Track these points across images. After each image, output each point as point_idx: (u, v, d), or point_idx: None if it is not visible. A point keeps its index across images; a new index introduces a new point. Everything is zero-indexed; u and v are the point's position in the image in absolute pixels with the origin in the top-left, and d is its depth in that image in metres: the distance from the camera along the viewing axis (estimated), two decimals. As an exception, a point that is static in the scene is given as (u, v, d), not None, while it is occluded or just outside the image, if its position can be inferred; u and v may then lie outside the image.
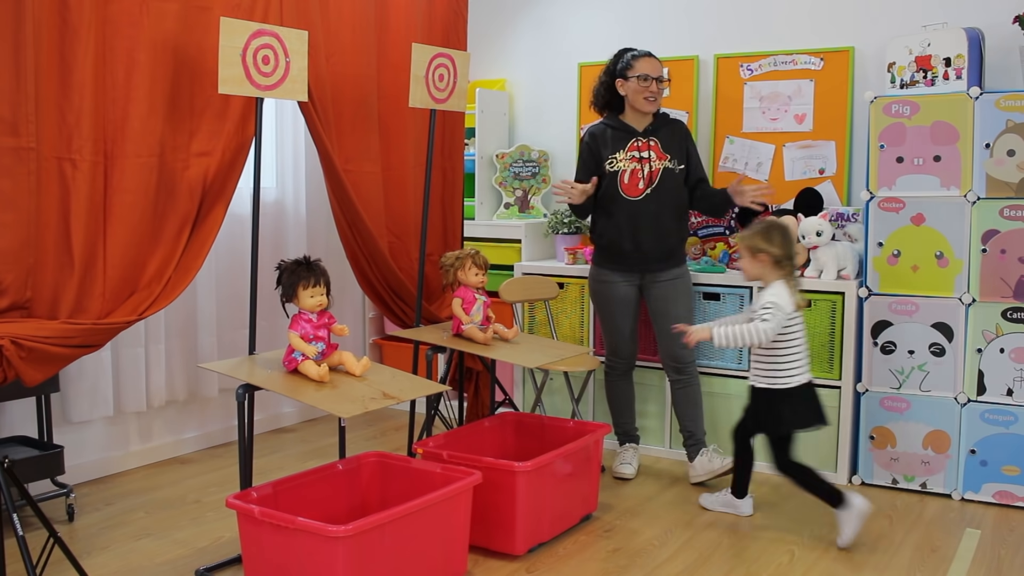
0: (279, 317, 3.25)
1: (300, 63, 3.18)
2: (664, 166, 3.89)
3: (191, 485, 3.98)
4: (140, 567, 3.15)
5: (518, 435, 3.77)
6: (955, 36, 3.76)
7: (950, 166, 3.72)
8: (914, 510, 3.70)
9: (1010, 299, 3.66)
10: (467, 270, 3.66)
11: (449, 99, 3.86)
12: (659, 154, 3.90)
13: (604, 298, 4.03)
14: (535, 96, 5.17)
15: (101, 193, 2.90)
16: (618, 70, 3.92)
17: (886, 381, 3.89)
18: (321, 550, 2.55)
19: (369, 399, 2.88)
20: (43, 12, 2.70)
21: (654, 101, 3.89)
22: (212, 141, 3.17)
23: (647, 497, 3.84)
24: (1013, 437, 3.68)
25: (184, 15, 3.06)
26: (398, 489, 3.08)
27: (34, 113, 2.69)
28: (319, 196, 4.67)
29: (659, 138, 3.92)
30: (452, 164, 4.34)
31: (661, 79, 3.89)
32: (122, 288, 2.95)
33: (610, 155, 3.91)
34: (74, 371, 3.82)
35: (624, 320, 4.02)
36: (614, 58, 3.98)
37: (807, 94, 4.41)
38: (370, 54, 3.84)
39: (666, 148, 3.92)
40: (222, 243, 4.16)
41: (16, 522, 2.62)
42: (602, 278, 4.02)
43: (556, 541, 3.36)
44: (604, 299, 4.03)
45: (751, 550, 3.30)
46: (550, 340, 4.26)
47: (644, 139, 3.91)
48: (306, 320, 3.04)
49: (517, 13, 5.21)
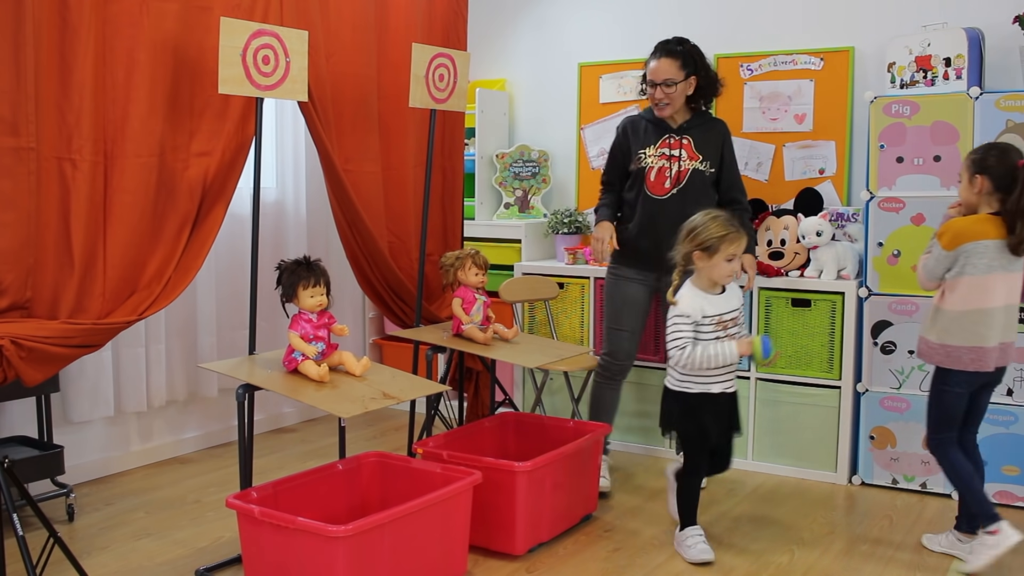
0: (279, 317, 3.25)
1: (300, 63, 3.18)
2: (694, 167, 3.70)
3: (191, 485, 3.98)
4: (140, 567, 3.15)
5: (518, 435, 3.77)
6: (955, 36, 3.76)
7: (950, 166, 3.72)
8: (914, 510, 3.70)
9: (1010, 299, 3.66)
10: (467, 270, 3.66)
11: (449, 99, 3.86)
12: (691, 154, 3.71)
13: (614, 294, 3.88)
14: (535, 96, 5.17)
15: (101, 193, 2.90)
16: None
17: (886, 381, 3.89)
18: (321, 550, 2.55)
19: (369, 399, 2.88)
20: (43, 12, 2.70)
21: (662, 107, 3.71)
22: (212, 141, 3.17)
23: (647, 497, 3.84)
24: (1013, 437, 3.68)
25: (184, 15, 3.06)
26: (398, 489, 3.08)
27: (34, 113, 2.69)
28: (319, 196, 4.67)
29: (693, 137, 3.73)
30: (452, 164, 4.34)
31: (667, 83, 3.65)
32: (122, 288, 2.95)
33: (640, 149, 3.75)
34: (74, 371, 3.82)
35: (630, 319, 3.86)
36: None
37: (807, 94, 4.41)
38: (370, 54, 3.84)
39: (699, 148, 3.72)
40: (222, 243, 4.16)
41: (16, 522, 2.62)
42: (617, 273, 3.87)
43: (556, 541, 3.36)
44: (614, 295, 3.88)
45: (751, 550, 3.30)
46: (550, 340, 4.26)
47: (677, 136, 3.73)
48: (306, 320, 3.04)
49: (517, 13, 5.21)
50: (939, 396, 3.18)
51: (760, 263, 4.12)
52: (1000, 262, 3.04)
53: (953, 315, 3.09)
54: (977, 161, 3.08)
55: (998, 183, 3.03)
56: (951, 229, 3.09)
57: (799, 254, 4.11)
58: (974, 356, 3.06)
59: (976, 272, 3.04)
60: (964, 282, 3.06)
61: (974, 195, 3.09)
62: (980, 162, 3.07)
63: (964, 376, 3.10)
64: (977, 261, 3.04)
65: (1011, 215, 3.01)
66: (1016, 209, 3.00)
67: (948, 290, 3.11)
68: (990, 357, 3.07)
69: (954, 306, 3.09)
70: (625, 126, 3.86)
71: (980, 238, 3.04)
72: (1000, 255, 3.04)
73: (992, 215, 3.06)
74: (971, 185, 3.09)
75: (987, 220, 3.06)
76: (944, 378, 3.15)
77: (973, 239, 3.04)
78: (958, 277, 3.07)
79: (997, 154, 3.05)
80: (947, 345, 3.10)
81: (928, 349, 3.17)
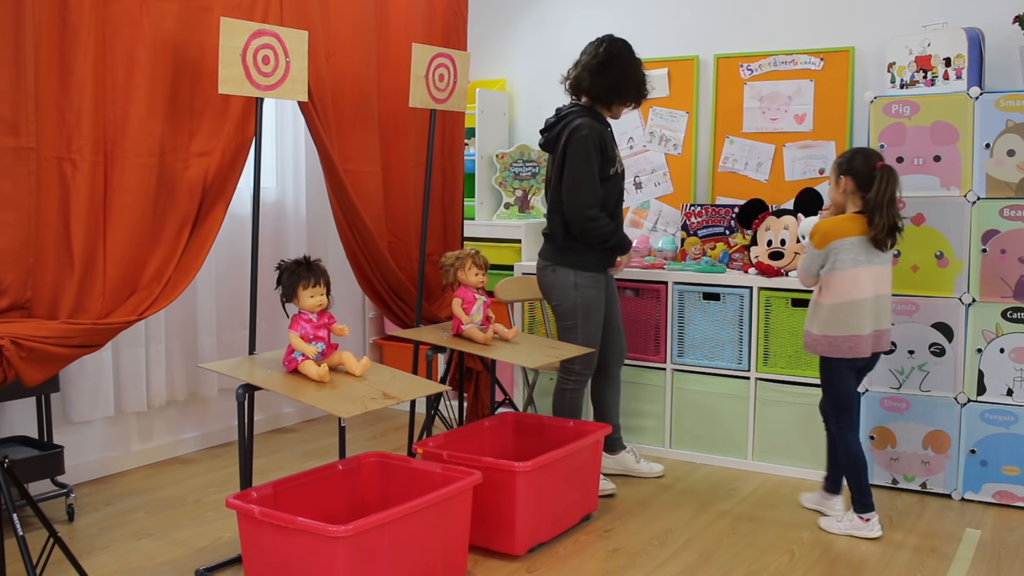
0: (279, 317, 3.25)
1: (300, 63, 3.18)
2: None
3: (191, 485, 3.98)
4: (140, 567, 3.15)
5: (518, 435, 3.77)
6: (955, 36, 3.76)
7: (950, 166, 3.72)
8: (914, 510, 3.70)
9: (1010, 299, 3.67)
10: (467, 270, 3.66)
11: (449, 99, 3.86)
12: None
13: (597, 305, 3.76)
14: (535, 96, 5.17)
15: (101, 193, 2.90)
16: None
17: (886, 381, 3.89)
18: (321, 550, 2.55)
19: (369, 399, 2.88)
20: (43, 12, 2.70)
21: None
22: (212, 141, 3.17)
23: (647, 497, 3.84)
24: (1013, 437, 3.68)
25: (184, 15, 3.06)
26: (398, 489, 3.08)
27: (34, 113, 2.69)
28: (319, 196, 4.67)
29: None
30: (452, 164, 4.34)
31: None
32: (122, 288, 2.95)
33: (614, 156, 3.74)
34: (74, 371, 3.82)
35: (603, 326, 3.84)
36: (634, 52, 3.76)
37: (807, 94, 4.41)
38: (370, 54, 3.84)
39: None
40: (222, 243, 4.16)
41: (16, 522, 2.62)
42: (597, 284, 3.75)
43: (556, 541, 3.36)
44: (597, 306, 3.76)
45: (751, 550, 3.30)
46: (550, 340, 4.26)
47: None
48: (306, 320, 3.04)
49: (517, 13, 5.21)
50: (830, 384, 3.45)
51: (760, 263, 4.14)
52: (866, 256, 3.32)
53: (829, 308, 3.36)
54: (842, 164, 3.39)
55: (860, 183, 3.33)
56: (820, 229, 3.37)
57: (799, 254, 4.11)
58: (851, 344, 3.34)
59: (844, 267, 3.32)
60: (835, 277, 3.34)
61: (840, 195, 3.40)
62: (844, 164, 3.38)
63: (845, 363, 3.38)
64: (844, 257, 3.31)
65: (870, 211, 3.30)
66: (874, 205, 3.29)
67: (824, 286, 3.39)
68: (865, 344, 3.35)
69: (830, 300, 3.36)
70: (600, 135, 3.65)
71: (845, 235, 3.32)
72: (865, 250, 3.32)
73: (856, 213, 3.35)
74: (837, 186, 3.40)
75: (851, 218, 3.35)
76: (829, 367, 3.42)
77: (839, 237, 3.32)
78: (830, 273, 3.35)
79: (861, 157, 3.36)
80: (828, 336, 3.36)
81: (812, 341, 3.43)
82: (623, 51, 3.70)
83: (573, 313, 3.73)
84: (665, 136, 4.76)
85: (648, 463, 4.09)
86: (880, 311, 3.38)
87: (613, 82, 3.67)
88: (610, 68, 3.66)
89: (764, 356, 4.12)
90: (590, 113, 3.69)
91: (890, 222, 3.29)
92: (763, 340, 4.10)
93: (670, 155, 4.76)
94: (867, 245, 3.32)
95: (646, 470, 4.07)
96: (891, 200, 3.29)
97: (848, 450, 3.42)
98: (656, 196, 4.81)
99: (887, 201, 3.28)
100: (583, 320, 3.74)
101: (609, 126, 3.77)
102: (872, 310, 3.34)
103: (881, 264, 3.37)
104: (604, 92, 3.68)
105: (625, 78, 3.68)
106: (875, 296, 3.35)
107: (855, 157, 3.36)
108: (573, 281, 3.71)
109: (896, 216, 3.31)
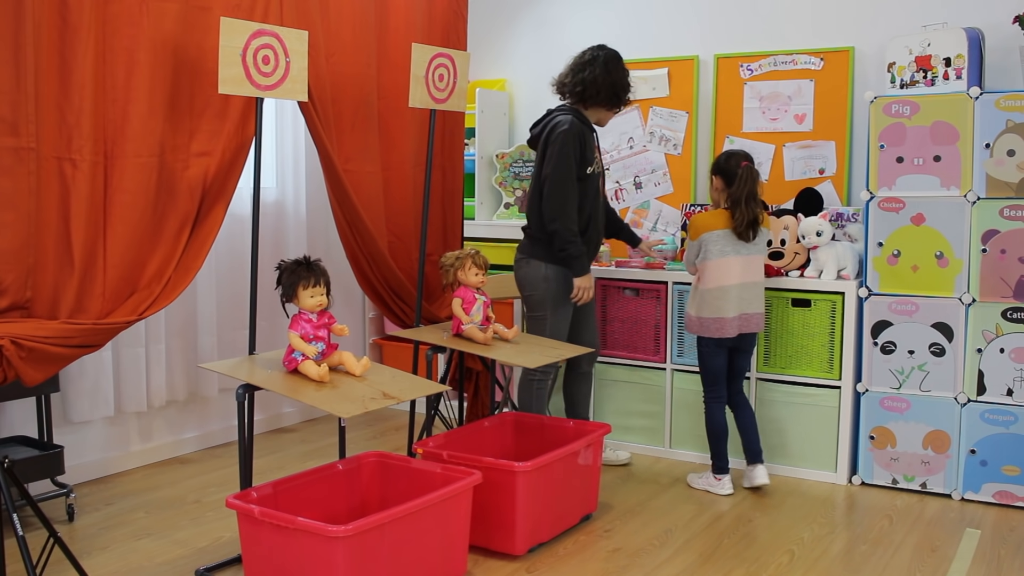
0: (279, 317, 3.25)
1: (300, 63, 3.18)
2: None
3: (191, 485, 3.98)
4: (140, 567, 3.15)
5: (518, 435, 3.77)
6: (955, 36, 3.76)
7: (950, 166, 3.72)
8: (914, 510, 3.70)
9: (1010, 299, 3.67)
10: (467, 270, 3.66)
11: (449, 99, 3.86)
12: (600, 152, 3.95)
13: (567, 299, 3.82)
14: (535, 96, 5.16)
15: (101, 193, 2.90)
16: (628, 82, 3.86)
17: (886, 381, 3.89)
18: (321, 550, 2.55)
19: (369, 399, 2.88)
20: (43, 12, 2.70)
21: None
22: (212, 141, 3.17)
23: (647, 497, 3.84)
24: (1013, 437, 3.68)
25: (184, 15, 3.06)
26: (398, 489, 3.08)
27: (34, 113, 2.69)
28: (319, 196, 4.67)
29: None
30: (452, 164, 4.34)
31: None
32: (122, 288, 2.95)
33: (592, 157, 3.80)
34: (74, 371, 3.82)
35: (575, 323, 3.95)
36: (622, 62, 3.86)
37: (807, 94, 4.41)
38: (370, 54, 3.84)
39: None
40: (222, 243, 4.16)
41: (16, 522, 2.62)
42: (568, 278, 3.79)
43: (556, 541, 3.36)
44: (566, 300, 3.83)
45: (751, 550, 3.30)
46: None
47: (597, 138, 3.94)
48: (306, 320, 3.04)
49: (517, 13, 5.21)
50: (701, 359, 3.87)
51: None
52: (733, 247, 3.71)
53: (703, 292, 3.76)
54: (715, 164, 3.80)
55: (728, 181, 3.71)
56: (694, 223, 3.79)
57: (799, 254, 4.11)
58: (718, 325, 3.73)
59: (713, 257, 3.71)
60: (707, 266, 3.73)
61: (714, 193, 3.80)
62: (716, 165, 3.79)
63: (713, 341, 3.77)
64: (712, 247, 3.71)
65: (732, 206, 3.69)
66: (735, 201, 3.67)
67: (700, 273, 3.77)
68: (731, 325, 3.73)
69: (703, 285, 3.76)
70: (579, 135, 3.73)
71: (713, 228, 3.72)
72: (731, 241, 3.71)
73: (724, 209, 3.74)
74: (711, 185, 3.81)
75: (719, 214, 3.75)
76: (700, 344, 3.85)
77: (708, 229, 3.72)
78: (703, 262, 3.74)
79: (728, 158, 3.73)
80: (700, 317, 3.77)
81: (688, 321, 3.85)
82: (609, 57, 3.83)
83: (542, 305, 3.84)
84: (665, 136, 4.76)
85: (614, 451, 4.25)
86: (746, 297, 3.74)
87: (591, 80, 3.77)
88: (590, 67, 3.79)
89: (764, 356, 4.12)
90: (574, 113, 3.79)
91: (750, 216, 3.66)
92: (763, 340, 4.10)
93: (670, 155, 4.76)
94: (732, 237, 3.70)
95: (611, 457, 4.20)
96: (750, 196, 3.65)
97: (712, 418, 3.85)
98: (656, 196, 4.81)
99: (746, 197, 3.64)
100: (552, 312, 3.83)
101: (594, 130, 3.87)
102: (737, 296, 3.72)
103: (749, 254, 3.73)
104: (580, 89, 3.80)
105: (600, 78, 3.77)
106: (741, 283, 3.72)
107: (726, 159, 3.72)
108: (544, 273, 3.81)
109: (756, 211, 3.67)
